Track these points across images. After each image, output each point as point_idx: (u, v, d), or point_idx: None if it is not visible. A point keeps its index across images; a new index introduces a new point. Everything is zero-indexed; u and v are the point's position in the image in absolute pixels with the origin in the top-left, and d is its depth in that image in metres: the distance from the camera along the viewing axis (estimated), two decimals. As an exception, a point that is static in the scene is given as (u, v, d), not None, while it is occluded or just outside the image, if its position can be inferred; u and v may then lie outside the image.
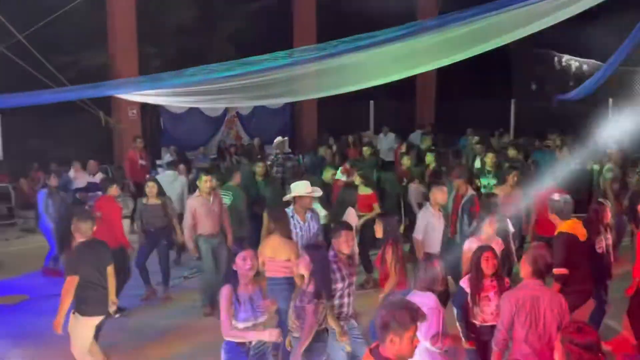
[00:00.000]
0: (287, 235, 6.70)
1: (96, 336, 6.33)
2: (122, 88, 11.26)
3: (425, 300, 4.87)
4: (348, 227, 5.91)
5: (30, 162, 14.81)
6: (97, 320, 6.07)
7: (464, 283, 5.69)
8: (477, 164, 11.96)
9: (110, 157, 16.07)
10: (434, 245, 7.46)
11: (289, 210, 7.24)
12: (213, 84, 9.40)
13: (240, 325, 4.88)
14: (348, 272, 5.70)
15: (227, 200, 9.10)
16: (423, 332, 4.74)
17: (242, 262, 4.91)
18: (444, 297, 6.00)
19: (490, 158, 10.52)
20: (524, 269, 4.97)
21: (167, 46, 18.42)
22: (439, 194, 7.63)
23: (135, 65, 15.86)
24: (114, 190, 8.59)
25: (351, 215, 8.59)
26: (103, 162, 14.43)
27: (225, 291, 4.92)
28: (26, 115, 13.46)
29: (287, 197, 7.41)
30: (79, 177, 12.13)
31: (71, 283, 5.82)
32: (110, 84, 11.77)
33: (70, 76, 12.84)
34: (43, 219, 10.15)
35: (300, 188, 7.21)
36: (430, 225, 7.48)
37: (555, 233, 6.42)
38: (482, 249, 5.68)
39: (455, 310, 5.74)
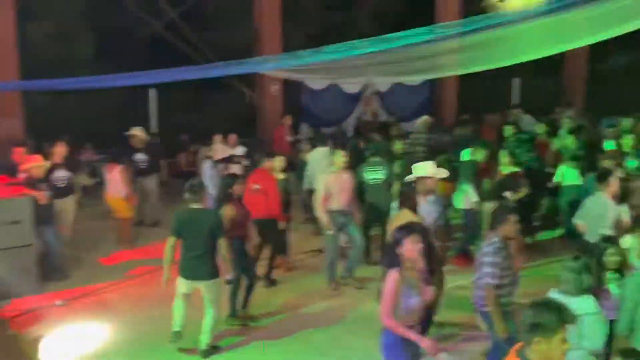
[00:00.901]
0: (415, 211, 6.61)
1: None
2: (265, 65, 11.63)
3: (584, 306, 4.44)
4: (514, 211, 5.67)
5: (180, 135, 15.58)
6: (183, 281, 6.54)
7: None
8: (610, 145, 11.23)
9: (254, 131, 16.60)
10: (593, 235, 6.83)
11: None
12: (354, 61, 9.46)
13: (409, 309, 4.61)
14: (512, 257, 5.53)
15: (379, 175, 9.10)
16: (591, 339, 4.38)
17: (413, 246, 4.61)
18: None
19: (630, 139, 9.89)
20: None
21: (310, 23, 18.69)
22: (614, 186, 7.08)
23: (279, 42, 16.21)
24: (269, 163, 8.81)
25: None
26: (245, 136, 14.88)
27: (393, 275, 4.61)
28: (177, 89, 14.19)
29: (409, 178, 7.09)
30: (219, 149, 12.65)
31: (169, 242, 6.52)
32: (253, 61, 12.18)
33: (218, 53, 13.41)
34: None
35: (422, 169, 6.96)
36: (598, 215, 6.96)
37: None
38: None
39: None
